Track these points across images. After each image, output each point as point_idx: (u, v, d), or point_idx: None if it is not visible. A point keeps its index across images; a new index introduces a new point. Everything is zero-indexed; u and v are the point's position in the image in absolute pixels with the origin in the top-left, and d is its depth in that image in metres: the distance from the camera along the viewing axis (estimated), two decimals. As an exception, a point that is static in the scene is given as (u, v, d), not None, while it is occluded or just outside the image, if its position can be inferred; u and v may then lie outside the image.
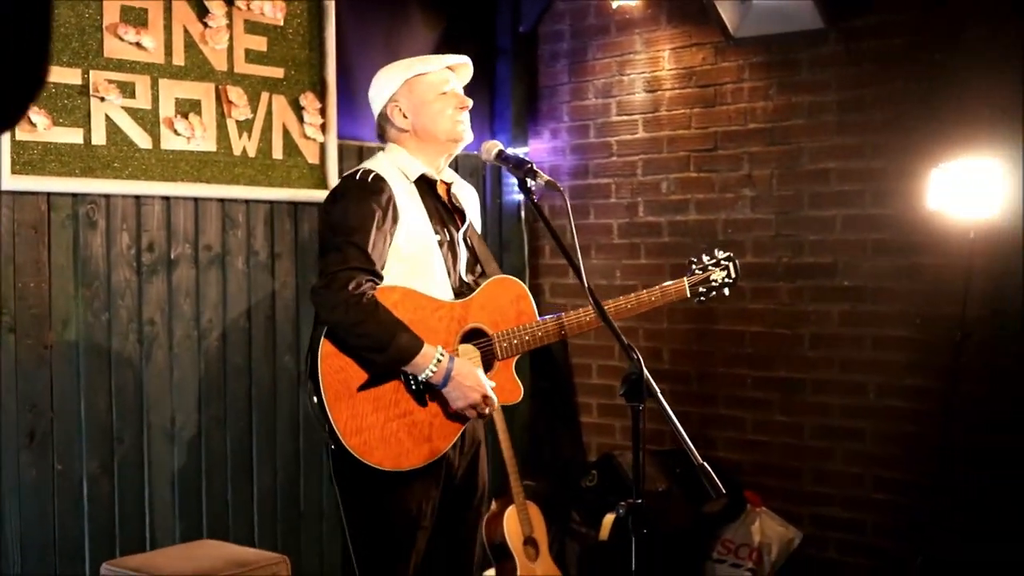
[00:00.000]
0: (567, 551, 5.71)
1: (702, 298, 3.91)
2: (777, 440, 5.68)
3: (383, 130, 3.70)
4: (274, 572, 4.19)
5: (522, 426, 6.38)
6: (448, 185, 3.71)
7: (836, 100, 5.40)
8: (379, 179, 3.49)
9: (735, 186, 5.74)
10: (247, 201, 5.08)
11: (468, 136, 3.66)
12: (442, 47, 6.03)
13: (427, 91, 3.61)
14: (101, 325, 4.62)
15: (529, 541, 5.16)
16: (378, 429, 3.37)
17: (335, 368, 3.36)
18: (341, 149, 5.35)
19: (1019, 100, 4.79)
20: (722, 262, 3.92)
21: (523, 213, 6.35)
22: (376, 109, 3.71)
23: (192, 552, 4.37)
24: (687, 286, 3.84)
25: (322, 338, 3.36)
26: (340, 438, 3.34)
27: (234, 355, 5.06)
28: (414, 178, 3.58)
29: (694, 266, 3.91)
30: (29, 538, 4.39)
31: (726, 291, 3.95)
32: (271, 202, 5.16)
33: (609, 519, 5.54)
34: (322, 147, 5.28)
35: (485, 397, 3.44)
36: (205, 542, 4.63)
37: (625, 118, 6.13)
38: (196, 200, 4.90)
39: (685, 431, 5.89)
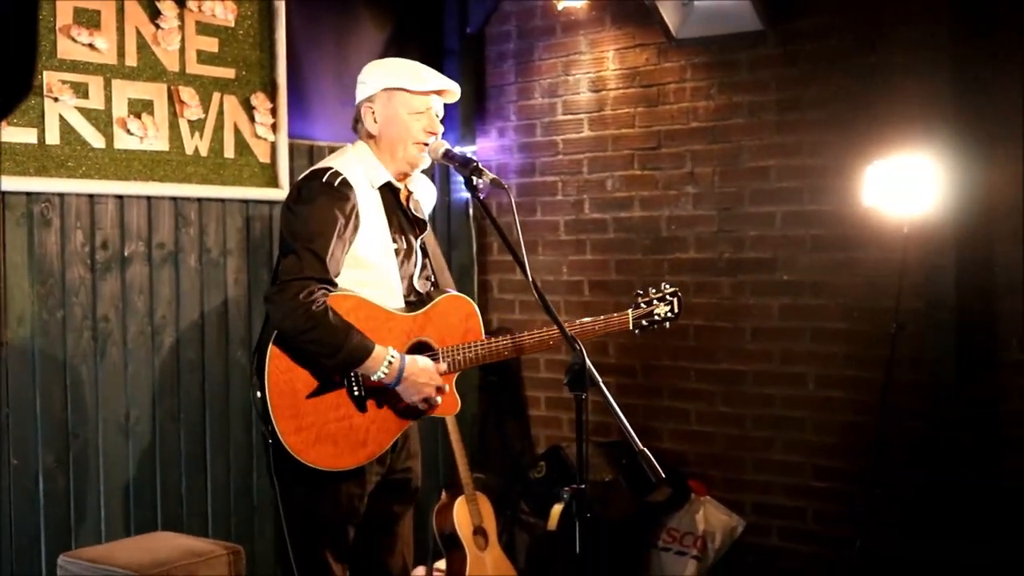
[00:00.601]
0: (516, 541, 5.82)
1: (644, 329, 4.01)
2: (720, 431, 5.83)
3: (356, 121, 3.77)
4: (228, 562, 4.28)
5: (472, 419, 6.50)
6: (410, 193, 3.79)
7: (775, 100, 5.56)
8: (346, 184, 3.56)
9: (678, 183, 5.88)
10: (199, 200, 5.16)
11: (424, 163, 3.73)
12: (391, 47, 6.14)
13: (402, 107, 3.67)
14: (56, 322, 4.68)
15: (478, 531, 5.28)
16: (316, 430, 3.49)
17: (281, 369, 3.47)
18: (292, 148, 5.44)
19: (948, 99, 4.96)
20: (667, 297, 4.01)
21: (471, 210, 6.47)
22: (357, 98, 3.77)
23: (147, 544, 4.45)
24: (630, 319, 3.95)
25: (271, 341, 3.47)
26: (280, 436, 3.45)
27: (187, 351, 5.14)
28: (378, 185, 3.66)
29: (640, 299, 3.99)
30: (-15, 532, 4.46)
31: (667, 324, 4.06)
32: (223, 200, 5.24)
33: (557, 509, 5.66)
34: (273, 146, 5.37)
35: (438, 388, 3.56)
36: (160, 534, 4.72)
37: (571, 117, 6.27)
38: (149, 199, 4.98)
39: (630, 423, 6.04)
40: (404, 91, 3.66)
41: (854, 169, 5.19)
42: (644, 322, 3.98)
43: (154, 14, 4.92)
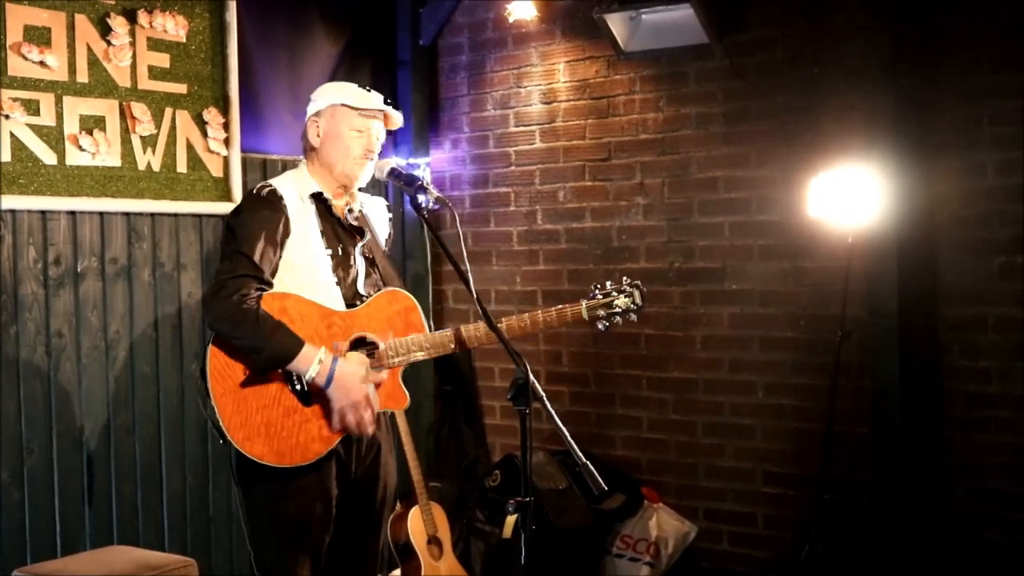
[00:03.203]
0: (472, 549, 5.87)
1: (605, 322, 3.89)
2: (672, 438, 5.91)
3: (303, 137, 3.88)
4: (183, 575, 4.32)
5: (427, 428, 6.56)
6: (346, 205, 3.85)
7: (722, 112, 5.65)
8: (274, 193, 3.72)
9: (628, 194, 5.96)
10: (152, 215, 5.20)
11: (363, 180, 3.84)
12: (344, 60, 6.18)
13: (344, 124, 3.79)
14: (9, 338, 4.71)
15: (433, 540, 5.32)
16: (262, 426, 3.57)
17: (221, 366, 3.56)
18: (245, 162, 5.49)
19: (889, 112, 5.06)
20: (627, 289, 3.90)
21: (426, 225, 6.49)
22: (307, 115, 3.90)
23: (102, 557, 4.49)
24: (584, 309, 3.86)
25: (210, 343, 3.59)
26: (226, 432, 3.54)
27: (142, 364, 5.17)
28: (307, 195, 3.76)
29: (596, 290, 3.92)
30: (-60, 547, 4.48)
31: (633, 317, 3.92)
32: (176, 215, 5.28)
33: (512, 518, 5.71)
34: (226, 161, 5.41)
35: (367, 398, 3.61)
36: (115, 548, 4.75)
37: (523, 129, 6.34)
38: (102, 214, 5.01)
39: (584, 431, 6.12)
40: (348, 107, 3.78)
41: (800, 180, 5.27)
42: (602, 313, 3.86)
43: (105, 31, 4.95)
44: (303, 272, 3.69)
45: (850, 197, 5.00)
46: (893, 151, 5.03)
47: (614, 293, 3.88)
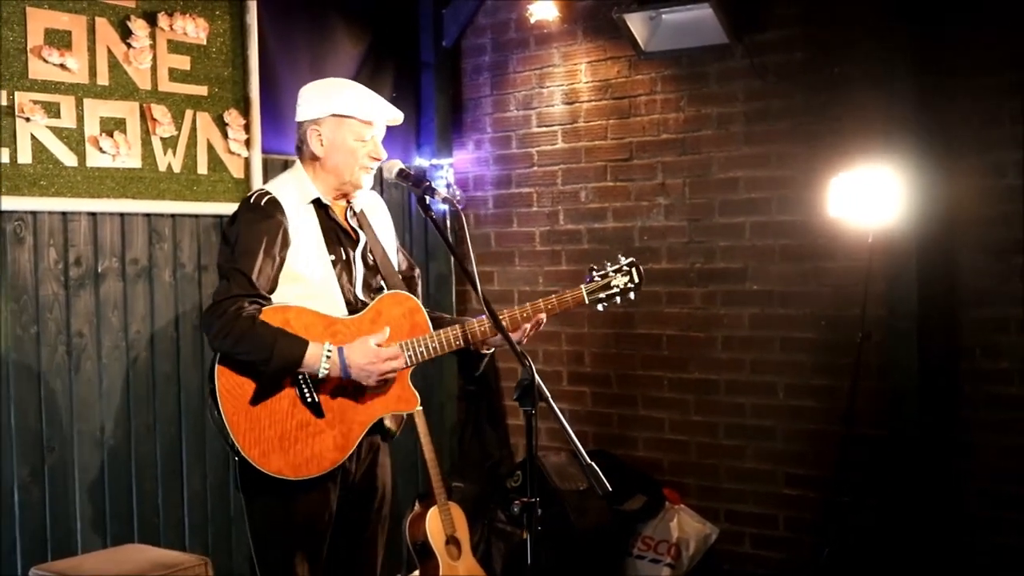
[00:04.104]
0: (493, 550, 5.88)
1: (604, 303, 3.91)
2: (694, 439, 5.89)
3: (300, 142, 3.82)
4: (195, 574, 4.35)
5: (450, 429, 6.58)
6: (347, 207, 3.84)
7: (743, 111, 5.63)
8: (273, 203, 3.65)
9: (650, 195, 5.95)
10: (173, 216, 5.24)
11: (367, 185, 3.80)
12: (367, 62, 6.20)
13: (349, 134, 3.72)
14: (30, 338, 4.76)
15: (451, 540, 5.34)
16: (276, 440, 3.56)
17: (230, 386, 3.55)
18: (266, 163, 5.51)
19: (910, 111, 5.02)
20: (624, 268, 3.91)
21: (448, 221, 6.52)
22: (298, 118, 3.83)
23: (118, 556, 4.53)
24: (584, 293, 3.88)
25: (216, 362, 3.57)
26: (241, 450, 3.54)
27: (163, 364, 5.22)
28: (307, 201, 3.72)
29: (594, 273, 3.93)
30: (-39, 545, 4.54)
31: (631, 295, 3.93)
32: (197, 216, 5.32)
33: (534, 518, 5.73)
34: (247, 162, 5.44)
35: (387, 361, 3.60)
36: (132, 546, 4.79)
37: (545, 129, 6.34)
38: (122, 215, 5.06)
39: (606, 432, 6.12)
40: (352, 119, 3.72)
41: (820, 180, 5.24)
42: (602, 295, 3.87)
43: (125, 33, 5.00)
44: (305, 281, 3.65)
45: (870, 197, 4.97)
46: (913, 151, 4.99)
47: (612, 273, 3.90)
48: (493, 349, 3.93)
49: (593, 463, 3.41)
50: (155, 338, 5.19)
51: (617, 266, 3.92)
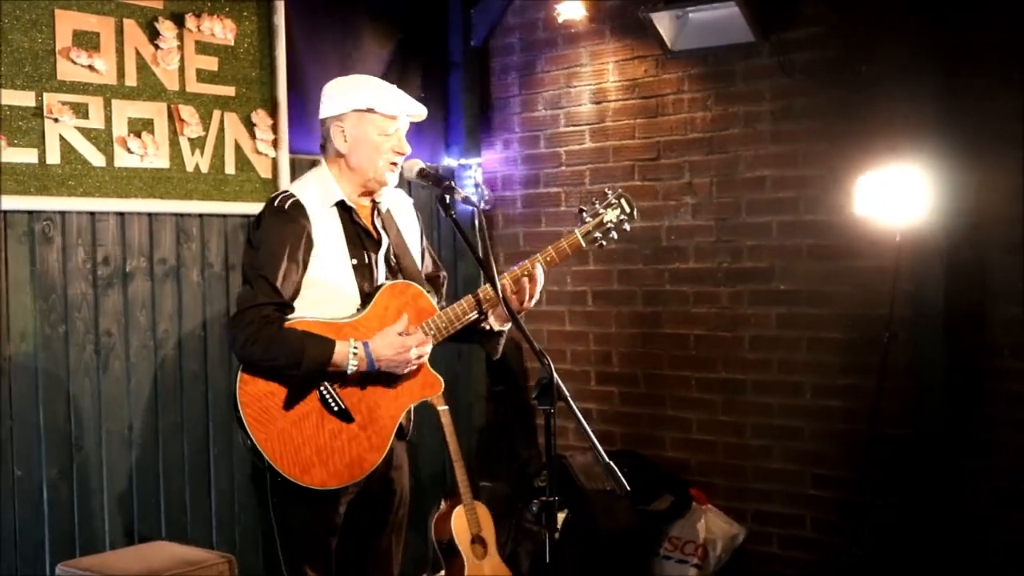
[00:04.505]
0: (521, 550, 5.88)
1: (603, 242, 3.87)
2: (721, 439, 5.88)
3: (324, 139, 3.81)
4: (219, 571, 4.38)
5: (479, 429, 6.59)
6: (373, 207, 3.83)
7: (770, 110, 5.61)
8: (297, 206, 3.64)
9: (677, 194, 5.94)
10: (201, 215, 5.28)
11: (393, 183, 3.78)
12: (395, 62, 6.22)
13: (372, 129, 3.70)
14: (58, 336, 4.81)
15: (477, 539, 5.35)
16: (314, 455, 3.57)
17: (256, 413, 3.55)
18: (293, 163, 5.53)
19: (937, 109, 4.99)
20: (612, 201, 3.86)
21: (476, 221, 6.51)
22: (322, 115, 3.82)
23: (143, 553, 4.57)
24: (579, 236, 3.83)
25: (240, 371, 3.57)
26: (281, 472, 3.55)
27: (190, 363, 5.26)
28: (331, 204, 3.70)
29: (584, 214, 3.87)
30: (-10, 541, 4.60)
31: (626, 227, 3.88)
32: (225, 216, 5.36)
33: (560, 518, 5.73)
34: (274, 162, 5.47)
35: (415, 348, 3.60)
36: (158, 543, 4.82)
37: (573, 129, 6.34)
38: (150, 215, 5.10)
39: (634, 432, 6.11)
40: (375, 113, 3.71)
41: (847, 179, 5.21)
42: (597, 234, 3.84)
43: (153, 35, 5.04)
44: (324, 286, 3.65)
45: (898, 196, 4.94)
46: (941, 149, 4.97)
47: (602, 210, 3.85)
48: (508, 325, 3.87)
49: (612, 462, 3.41)
50: (183, 337, 5.23)
51: (606, 201, 3.87)
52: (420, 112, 3.81)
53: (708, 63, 5.79)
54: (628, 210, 3.88)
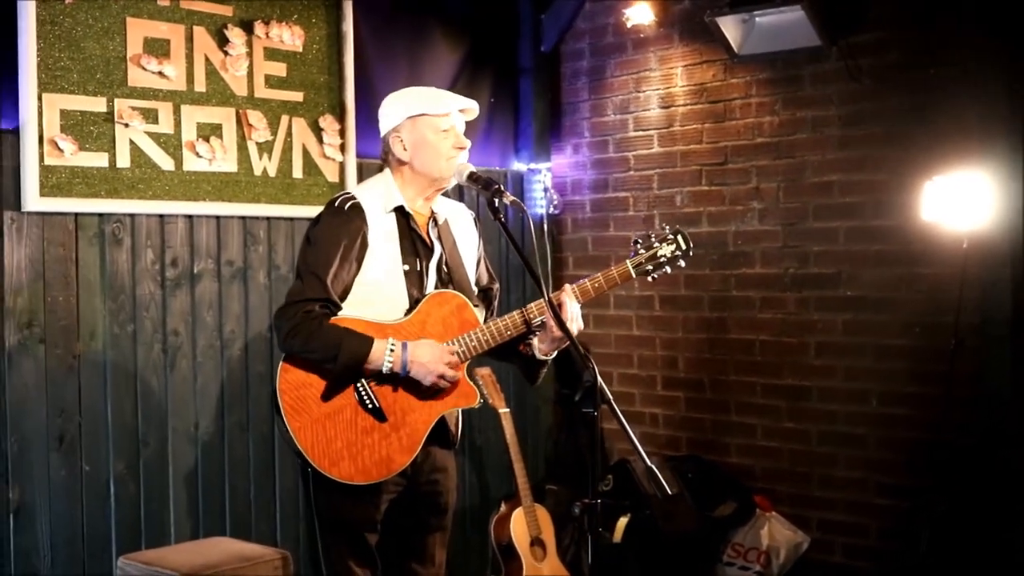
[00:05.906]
0: (583, 553, 5.90)
1: (653, 275, 3.89)
2: (786, 446, 5.84)
3: (386, 152, 3.88)
4: (274, 567, 4.46)
5: (546, 432, 6.62)
6: (430, 216, 3.87)
7: (837, 115, 5.56)
8: (355, 207, 3.71)
9: (744, 199, 5.92)
10: (268, 218, 5.37)
11: (455, 179, 3.82)
12: (465, 68, 6.28)
13: (428, 130, 3.76)
14: (127, 335, 4.93)
15: (536, 542, 5.37)
16: (344, 449, 3.62)
17: (293, 401, 3.62)
18: (361, 167, 5.60)
19: (1006, 114, 4.91)
20: (669, 237, 3.88)
21: (545, 226, 6.55)
22: (382, 130, 3.89)
23: (202, 548, 4.67)
24: (630, 267, 3.86)
25: (282, 360, 3.66)
26: (311, 461, 3.62)
27: (256, 363, 5.35)
28: (390, 209, 3.76)
29: (638, 246, 3.89)
30: (58, 534, 4.70)
31: (681, 263, 3.90)
32: (292, 219, 5.44)
33: (623, 522, 5.76)
34: (341, 166, 5.56)
35: (448, 365, 3.65)
36: (217, 539, 4.91)
37: (641, 133, 6.35)
38: (218, 218, 5.21)
39: (699, 437, 6.10)
40: (426, 115, 3.77)
41: (915, 184, 5.17)
42: (649, 266, 3.86)
43: (222, 42, 5.14)
44: (373, 287, 3.71)
45: (965, 201, 4.89)
46: (1009, 154, 4.90)
47: (656, 244, 3.87)
48: (551, 356, 3.90)
49: (653, 466, 3.43)
50: (249, 338, 5.32)
51: (661, 236, 3.89)
52: (469, 105, 3.85)
53: (775, 68, 5.76)
54: (684, 247, 3.89)
